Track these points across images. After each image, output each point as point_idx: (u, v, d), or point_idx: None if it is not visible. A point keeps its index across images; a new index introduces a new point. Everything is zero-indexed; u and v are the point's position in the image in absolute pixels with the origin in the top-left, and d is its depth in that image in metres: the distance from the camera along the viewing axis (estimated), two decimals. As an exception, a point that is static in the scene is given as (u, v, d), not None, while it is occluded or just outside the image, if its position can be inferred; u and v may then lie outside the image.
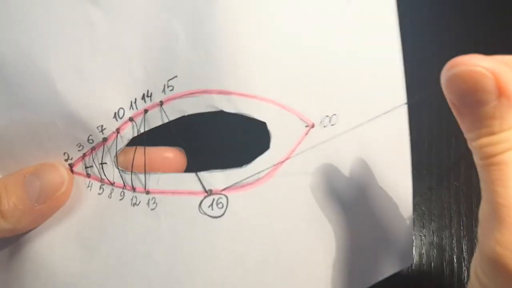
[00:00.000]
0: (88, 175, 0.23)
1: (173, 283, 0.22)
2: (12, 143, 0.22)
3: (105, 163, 0.23)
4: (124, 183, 0.23)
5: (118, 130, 0.22)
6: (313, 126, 0.24)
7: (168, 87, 0.22)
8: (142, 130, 0.22)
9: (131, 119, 0.22)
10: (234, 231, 0.23)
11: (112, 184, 0.23)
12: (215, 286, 0.22)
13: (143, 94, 0.22)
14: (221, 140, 0.27)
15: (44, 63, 0.20)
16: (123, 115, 0.22)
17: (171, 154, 0.24)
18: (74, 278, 0.21)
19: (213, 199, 0.23)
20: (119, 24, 0.21)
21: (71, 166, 0.23)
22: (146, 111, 0.22)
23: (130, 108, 0.22)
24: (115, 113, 0.22)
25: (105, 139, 0.22)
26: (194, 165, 0.24)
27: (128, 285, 0.21)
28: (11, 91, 0.21)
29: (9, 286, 0.22)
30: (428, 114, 0.44)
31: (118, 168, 0.23)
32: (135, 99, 0.22)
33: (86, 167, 0.23)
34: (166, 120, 0.23)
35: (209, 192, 0.23)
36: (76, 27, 0.21)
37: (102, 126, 0.22)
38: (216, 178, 0.23)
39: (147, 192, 0.23)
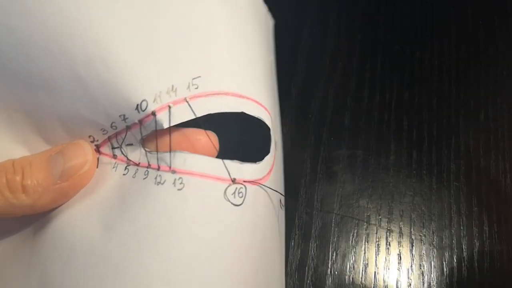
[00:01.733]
0: (115, 156, 0.23)
1: (195, 268, 0.21)
2: (40, 123, 0.22)
3: (131, 144, 0.23)
4: (148, 162, 0.22)
5: (140, 122, 0.22)
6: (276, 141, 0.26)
7: (192, 85, 0.22)
8: (166, 125, 0.22)
9: (154, 113, 0.21)
10: (249, 220, 0.23)
11: (137, 164, 0.22)
12: (233, 273, 0.22)
13: (168, 89, 0.22)
14: (229, 136, 0.27)
15: (70, 47, 0.20)
16: (146, 107, 0.21)
17: (203, 137, 0.24)
18: (94, 258, 0.21)
19: (236, 188, 0.23)
20: (149, 18, 0.21)
21: (98, 146, 0.23)
22: (170, 106, 0.22)
23: (154, 102, 0.21)
24: (137, 105, 0.21)
25: (128, 127, 0.22)
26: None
27: (147, 265, 0.21)
28: (37, 70, 0.20)
29: (32, 264, 0.22)
30: (428, 114, 0.44)
31: (144, 149, 0.23)
32: (160, 92, 0.22)
33: (113, 148, 0.23)
34: (192, 117, 0.22)
35: (233, 181, 0.23)
36: (103, 15, 0.20)
37: (124, 115, 0.21)
38: (235, 168, 0.23)
39: (173, 171, 0.22)
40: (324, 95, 0.45)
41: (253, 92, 0.24)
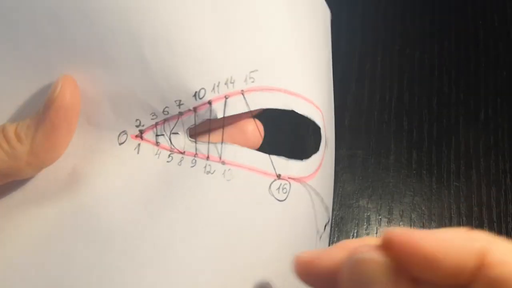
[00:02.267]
0: (157, 143, 0.23)
1: (239, 257, 0.22)
2: (87, 101, 0.22)
3: (177, 133, 0.23)
4: (196, 151, 0.23)
5: (195, 109, 0.22)
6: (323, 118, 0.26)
7: (249, 78, 0.22)
8: (220, 115, 0.22)
9: (210, 102, 0.22)
10: (291, 216, 0.24)
11: (182, 153, 0.23)
12: (273, 264, 0.23)
13: (227, 79, 0.22)
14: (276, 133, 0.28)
15: (138, 27, 0.20)
16: (204, 95, 0.22)
17: (251, 127, 0.24)
18: (138, 241, 0.21)
19: (280, 184, 0.23)
20: (215, 9, 0.22)
21: (141, 132, 0.22)
22: (227, 97, 0.22)
23: (212, 91, 0.22)
24: (195, 92, 0.22)
25: (180, 113, 0.22)
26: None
27: (195, 252, 0.21)
28: (99, 47, 0.20)
29: (65, 246, 0.21)
30: (428, 114, 0.44)
31: (190, 139, 0.23)
32: (219, 82, 0.22)
33: (156, 135, 0.23)
34: (246, 109, 0.23)
35: (278, 176, 0.23)
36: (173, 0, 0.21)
37: (180, 101, 0.22)
38: (281, 164, 0.24)
39: (223, 162, 0.22)
40: (324, 95, 0.45)
41: (306, 90, 0.24)
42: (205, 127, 0.23)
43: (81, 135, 0.22)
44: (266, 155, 0.23)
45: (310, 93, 0.25)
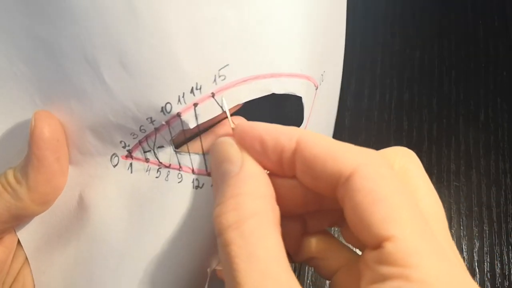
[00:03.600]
0: (147, 160, 0.23)
1: None
2: (73, 134, 0.22)
3: (162, 146, 0.22)
4: (180, 164, 0.22)
5: (168, 123, 0.22)
6: (317, 87, 0.25)
7: (219, 76, 0.22)
8: (193, 124, 0.21)
9: (178, 115, 0.21)
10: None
11: (168, 166, 0.22)
12: None
13: (192, 88, 0.21)
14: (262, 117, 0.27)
15: (92, 52, 0.20)
16: (171, 109, 0.21)
17: (222, 130, 0.23)
18: (142, 265, 0.22)
19: None
20: (163, 14, 0.21)
21: (129, 152, 0.23)
22: (195, 104, 0.21)
23: (178, 103, 0.21)
24: (162, 108, 0.21)
25: (156, 129, 0.22)
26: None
27: (199, 270, 0.22)
28: (67, 81, 0.21)
29: (87, 273, 0.23)
30: (428, 114, 0.44)
31: (174, 150, 0.22)
32: (183, 93, 0.21)
33: (144, 152, 0.23)
34: (220, 111, 0.22)
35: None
36: (119, 18, 0.20)
37: (151, 118, 0.21)
38: None
39: (209, 174, 0.22)
40: (324, 95, 0.45)
41: (290, 65, 0.23)
42: (191, 133, 0.23)
43: (78, 164, 0.23)
44: None
45: (295, 66, 0.23)
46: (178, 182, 0.22)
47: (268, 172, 0.19)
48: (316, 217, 0.20)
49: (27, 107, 0.22)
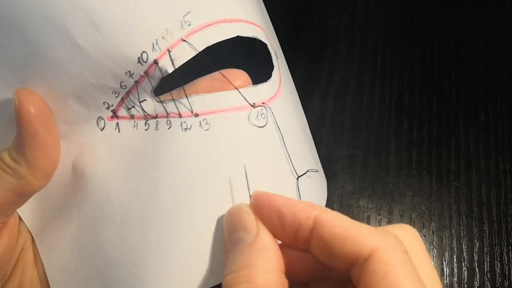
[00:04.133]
0: (132, 116, 0.23)
1: (241, 194, 0.23)
2: (56, 105, 0.22)
3: (145, 99, 0.23)
4: (167, 112, 0.23)
5: (146, 73, 0.22)
6: (277, 57, 0.27)
7: (185, 22, 0.23)
8: (171, 69, 0.22)
9: (156, 62, 0.22)
10: (276, 137, 0.25)
11: (155, 117, 0.23)
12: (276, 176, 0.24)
13: (163, 34, 0.22)
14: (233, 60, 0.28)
15: (61, 19, 0.21)
16: (147, 58, 0.22)
17: (238, 82, 0.25)
18: (149, 212, 0.23)
19: (257, 111, 0.24)
20: None
21: (114, 112, 0.23)
22: (169, 50, 0.22)
23: (153, 50, 0.22)
24: (138, 58, 0.22)
25: (136, 82, 0.23)
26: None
27: (203, 206, 0.23)
28: (39, 53, 0.21)
29: (95, 238, 0.23)
30: (428, 114, 0.44)
31: (157, 100, 0.23)
32: (156, 40, 0.22)
33: (128, 109, 0.23)
34: (194, 54, 0.23)
35: (253, 105, 0.24)
36: None
37: (129, 71, 0.22)
38: (251, 93, 0.24)
39: (196, 115, 0.23)
40: (324, 95, 0.45)
41: (243, 12, 0.25)
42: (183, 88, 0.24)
43: (66, 136, 0.23)
44: (234, 91, 0.24)
45: (249, 15, 0.25)
46: (168, 129, 0.23)
47: (280, 242, 0.20)
48: (320, 284, 0.21)
49: (3, 88, 0.22)
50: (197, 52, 0.23)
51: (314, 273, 0.20)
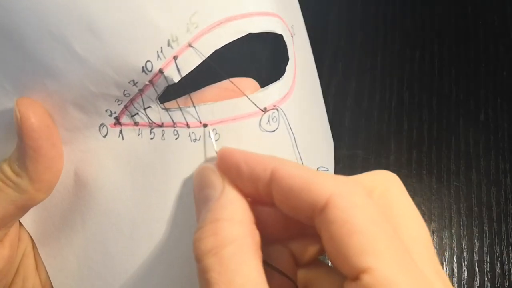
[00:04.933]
0: (136, 123, 0.22)
1: None
2: (57, 113, 0.22)
3: (150, 107, 0.22)
4: (173, 121, 0.22)
5: (151, 82, 0.21)
6: (292, 36, 0.26)
7: (192, 24, 0.21)
8: (177, 78, 0.21)
9: (161, 71, 0.21)
10: (288, 139, 0.24)
11: (161, 125, 0.22)
12: None
13: (168, 41, 0.21)
14: (241, 59, 0.27)
15: (58, 27, 0.20)
16: (152, 67, 0.21)
17: (248, 91, 0.23)
18: (160, 224, 0.22)
19: (269, 115, 0.23)
20: None
21: (117, 119, 0.22)
22: (175, 57, 0.21)
23: (157, 59, 0.21)
24: (142, 67, 0.21)
25: (141, 90, 0.22)
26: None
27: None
28: (35, 61, 0.20)
29: (100, 246, 0.23)
30: (428, 114, 0.44)
31: (163, 108, 0.22)
32: (161, 48, 0.21)
33: (132, 116, 0.22)
34: (201, 60, 0.22)
35: (264, 110, 0.23)
36: None
37: (133, 80, 0.21)
38: (262, 97, 0.23)
39: (205, 125, 0.22)
40: (324, 95, 0.45)
41: (256, 4, 0.23)
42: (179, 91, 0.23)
43: (67, 143, 0.22)
44: (243, 98, 0.23)
45: (261, 4, 0.23)
46: (175, 139, 0.22)
47: (249, 199, 0.19)
48: (302, 244, 0.20)
49: (1, 100, 0.21)
50: (204, 58, 0.21)
51: (289, 229, 0.19)
